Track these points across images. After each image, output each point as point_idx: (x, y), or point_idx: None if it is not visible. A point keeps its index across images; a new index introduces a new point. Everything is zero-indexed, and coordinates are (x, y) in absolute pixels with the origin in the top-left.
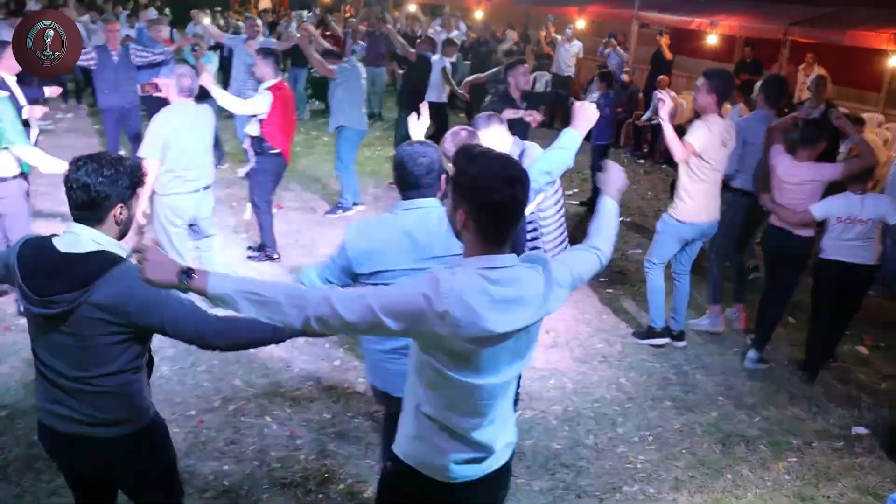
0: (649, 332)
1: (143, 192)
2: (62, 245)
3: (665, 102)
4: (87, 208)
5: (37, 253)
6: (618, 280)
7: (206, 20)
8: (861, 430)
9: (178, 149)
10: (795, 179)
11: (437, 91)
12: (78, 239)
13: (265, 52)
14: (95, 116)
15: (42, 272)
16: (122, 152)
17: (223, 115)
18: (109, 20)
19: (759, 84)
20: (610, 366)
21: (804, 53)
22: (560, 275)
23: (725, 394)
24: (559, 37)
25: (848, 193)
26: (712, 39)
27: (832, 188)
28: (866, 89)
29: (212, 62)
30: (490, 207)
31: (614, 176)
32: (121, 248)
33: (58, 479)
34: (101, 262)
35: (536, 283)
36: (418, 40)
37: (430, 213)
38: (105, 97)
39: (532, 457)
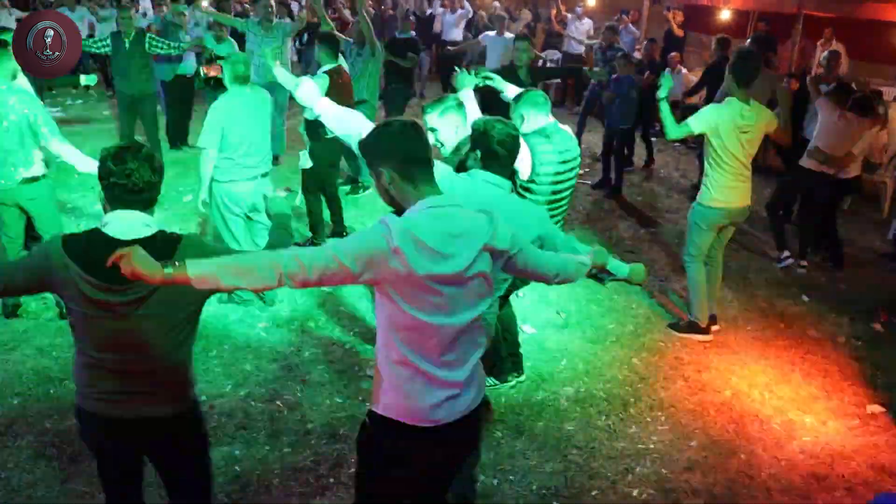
0: (691, 327)
1: (204, 178)
2: (116, 233)
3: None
4: (142, 192)
5: (90, 246)
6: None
7: (205, 2)
8: (876, 409)
9: (236, 135)
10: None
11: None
12: (131, 224)
13: (322, 36)
14: (105, 102)
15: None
16: (138, 138)
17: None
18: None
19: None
20: (622, 346)
21: (819, 28)
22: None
23: (739, 373)
24: (570, 15)
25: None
26: (725, 15)
27: None
28: (884, 63)
29: (233, 48)
30: (404, 153)
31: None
32: (161, 224)
33: (71, 467)
34: (167, 240)
35: (480, 220)
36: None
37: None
38: (118, 83)
39: (544, 438)
